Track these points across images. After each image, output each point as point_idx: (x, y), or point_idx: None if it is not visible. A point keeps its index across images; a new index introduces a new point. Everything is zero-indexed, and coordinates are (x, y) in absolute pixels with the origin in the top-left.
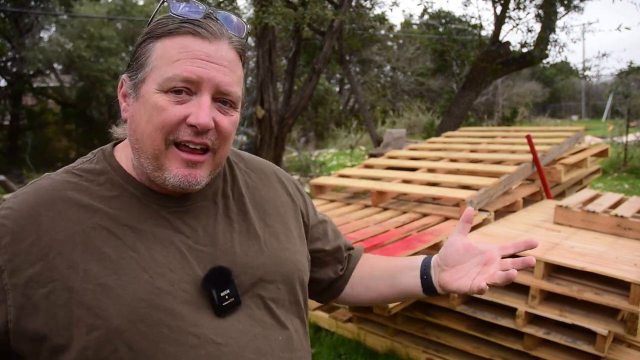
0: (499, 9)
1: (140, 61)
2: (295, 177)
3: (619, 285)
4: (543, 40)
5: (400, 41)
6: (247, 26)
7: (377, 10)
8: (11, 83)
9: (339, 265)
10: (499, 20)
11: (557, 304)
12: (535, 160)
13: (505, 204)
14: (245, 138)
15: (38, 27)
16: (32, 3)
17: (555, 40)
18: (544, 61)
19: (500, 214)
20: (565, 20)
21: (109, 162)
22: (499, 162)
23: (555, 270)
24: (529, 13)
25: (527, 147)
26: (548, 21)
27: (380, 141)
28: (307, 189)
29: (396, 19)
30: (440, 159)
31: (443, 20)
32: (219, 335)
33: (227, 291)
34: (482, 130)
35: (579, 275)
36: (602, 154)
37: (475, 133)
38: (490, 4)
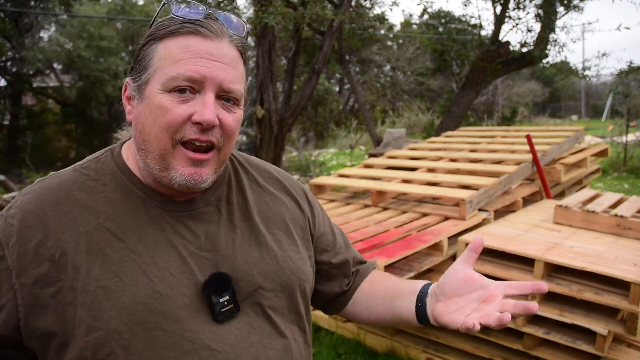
0: (499, 9)
1: (144, 63)
2: (295, 177)
3: (619, 285)
4: (543, 40)
5: (400, 41)
6: (247, 25)
7: (377, 10)
8: (11, 83)
9: (345, 280)
10: (499, 20)
11: (557, 304)
12: (535, 160)
13: (505, 204)
14: (245, 138)
15: (38, 27)
16: (32, 3)
17: (555, 40)
18: (544, 61)
19: (500, 214)
20: (565, 20)
21: (117, 162)
22: (499, 162)
23: (555, 270)
24: (529, 13)
25: (527, 147)
26: (548, 21)
27: (380, 141)
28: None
29: (396, 19)
30: (440, 159)
31: (443, 20)
32: (216, 342)
33: (226, 297)
34: (482, 130)
35: (579, 275)
36: (602, 154)
37: (475, 133)
38: (490, 4)
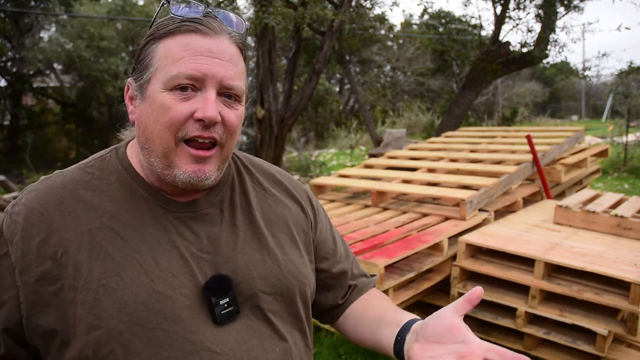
0: (499, 9)
1: (145, 63)
2: (295, 177)
3: (619, 285)
4: (543, 40)
5: (400, 41)
6: (246, 23)
7: (377, 10)
8: (11, 83)
9: (340, 292)
10: (499, 20)
11: (557, 304)
12: (535, 160)
13: (505, 204)
14: (245, 138)
15: (38, 27)
16: (32, 3)
17: (555, 40)
18: (544, 61)
19: (500, 214)
20: (565, 20)
21: (121, 161)
22: (499, 162)
23: (555, 270)
24: (529, 13)
25: (527, 147)
26: (548, 21)
27: (380, 141)
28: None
29: (396, 19)
30: (440, 159)
31: (443, 20)
32: (215, 344)
33: (226, 299)
34: (482, 130)
35: (579, 275)
36: (602, 154)
37: (475, 133)
38: (490, 4)
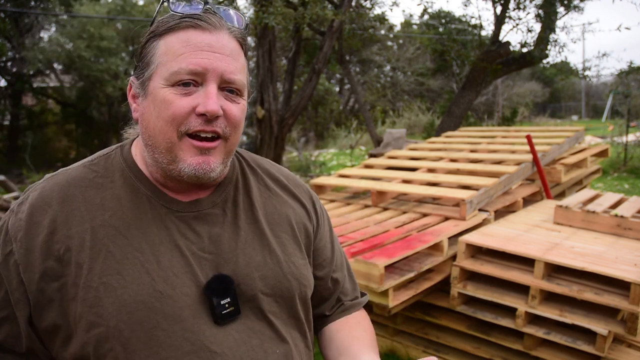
0: (499, 9)
1: (146, 60)
2: None
3: (619, 285)
4: (543, 40)
5: (400, 41)
6: (246, 18)
7: (377, 10)
8: (11, 83)
9: (329, 302)
10: (499, 20)
11: (557, 304)
12: (535, 160)
13: (505, 204)
14: (245, 138)
15: (38, 27)
16: (32, 3)
17: (555, 40)
18: (544, 61)
19: (500, 214)
20: (565, 20)
21: (125, 158)
22: (499, 162)
23: (555, 270)
24: (529, 13)
25: (527, 147)
26: (548, 21)
27: (380, 141)
28: None
29: (396, 19)
30: (440, 159)
31: (443, 20)
32: (215, 344)
33: (227, 300)
34: (482, 130)
35: (579, 275)
36: (602, 154)
37: (475, 133)
38: (490, 4)
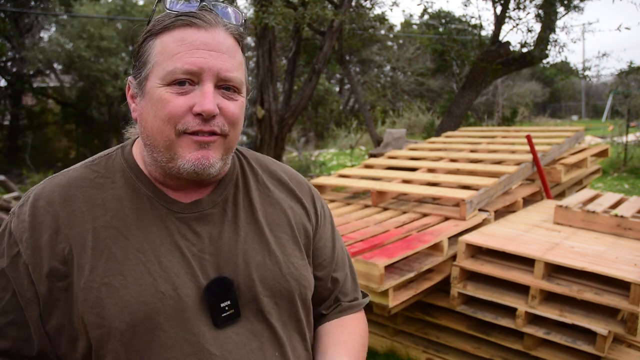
0: (499, 9)
1: (143, 59)
2: None
3: (619, 285)
4: (543, 40)
5: (400, 41)
6: (243, 14)
7: (377, 10)
8: (11, 83)
9: (328, 302)
10: (499, 20)
11: (557, 304)
12: (535, 160)
13: (505, 204)
14: (245, 138)
15: (38, 27)
16: (32, 3)
17: (555, 40)
18: (544, 61)
19: (500, 214)
20: (565, 20)
21: (126, 159)
22: (499, 162)
23: (555, 270)
24: (529, 13)
25: (527, 147)
26: (548, 21)
27: (380, 141)
28: None
29: (396, 19)
30: (440, 159)
31: (443, 20)
32: (215, 346)
33: (227, 302)
34: (482, 130)
35: (579, 275)
36: (602, 154)
37: (475, 133)
38: (490, 4)
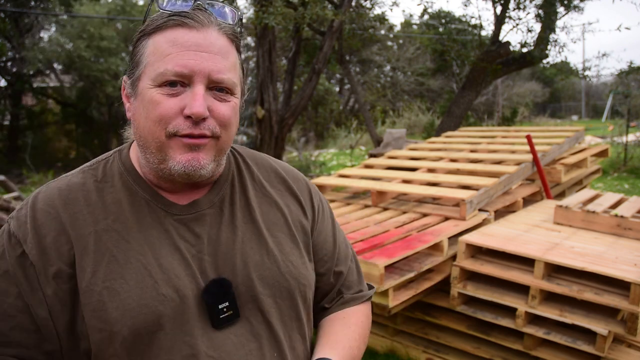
0: (499, 9)
1: (136, 59)
2: None
3: (619, 285)
4: (543, 40)
5: (400, 41)
6: (239, 13)
7: (377, 10)
8: (11, 83)
9: (330, 295)
10: (499, 20)
11: (557, 304)
12: (535, 160)
13: (505, 204)
14: (245, 138)
15: (38, 27)
16: (32, 3)
17: (555, 40)
18: (544, 61)
19: (500, 214)
20: (565, 20)
21: (124, 162)
22: (499, 162)
23: (555, 270)
24: (529, 13)
25: (527, 147)
26: (548, 21)
27: (380, 141)
28: None
29: (396, 19)
30: (440, 159)
31: (443, 20)
32: (213, 348)
33: (225, 304)
34: (482, 130)
35: (579, 275)
36: (602, 154)
37: (475, 133)
38: (490, 4)
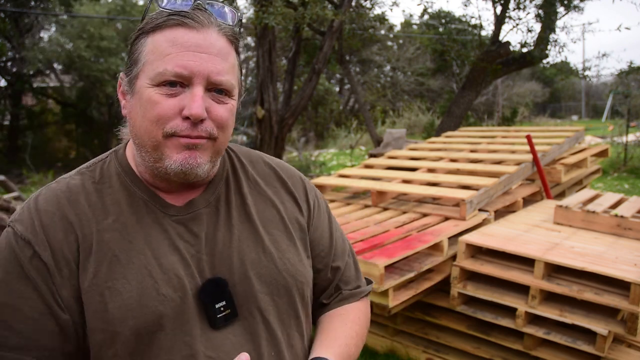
0: (499, 9)
1: (134, 57)
2: None
3: (619, 285)
4: (543, 40)
5: (400, 41)
6: (238, 13)
7: (377, 10)
8: (11, 83)
9: (328, 291)
10: (499, 20)
11: (557, 304)
12: (535, 160)
13: (505, 204)
14: (245, 138)
15: (38, 27)
16: (32, 3)
17: (555, 40)
18: (544, 61)
19: (500, 214)
20: (565, 20)
21: (120, 163)
22: (499, 162)
23: (555, 270)
24: (529, 13)
25: (527, 147)
26: (548, 21)
27: (380, 141)
28: None
29: (396, 19)
30: (440, 159)
31: (443, 20)
32: (212, 349)
33: (222, 303)
34: (482, 130)
35: (579, 275)
36: (602, 154)
37: (475, 133)
38: (490, 4)
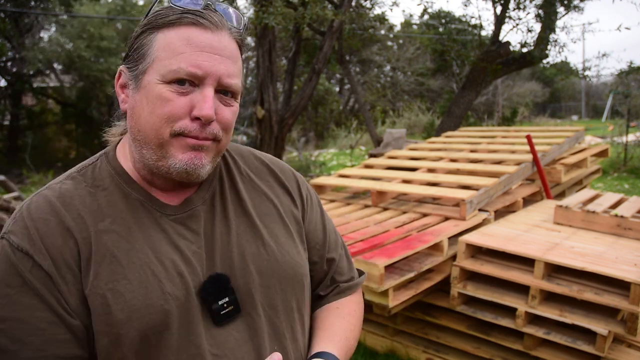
0: (499, 9)
1: (141, 52)
2: None
3: (619, 285)
4: (543, 40)
5: (400, 41)
6: (244, 17)
7: (377, 10)
8: (11, 83)
9: (325, 283)
10: (499, 20)
11: (557, 304)
12: (535, 160)
13: (505, 204)
14: (245, 138)
15: (38, 27)
16: (32, 3)
17: (555, 40)
18: (544, 61)
19: (500, 214)
20: (565, 20)
21: (113, 165)
22: (499, 162)
23: (555, 270)
24: (529, 13)
25: (527, 147)
26: (548, 21)
27: (380, 141)
28: None
29: (396, 19)
30: (440, 159)
31: (443, 20)
32: (216, 346)
33: (225, 299)
34: (482, 130)
35: (579, 275)
36: (602, 154)
37: (475, 133)
38: (490, 4)
